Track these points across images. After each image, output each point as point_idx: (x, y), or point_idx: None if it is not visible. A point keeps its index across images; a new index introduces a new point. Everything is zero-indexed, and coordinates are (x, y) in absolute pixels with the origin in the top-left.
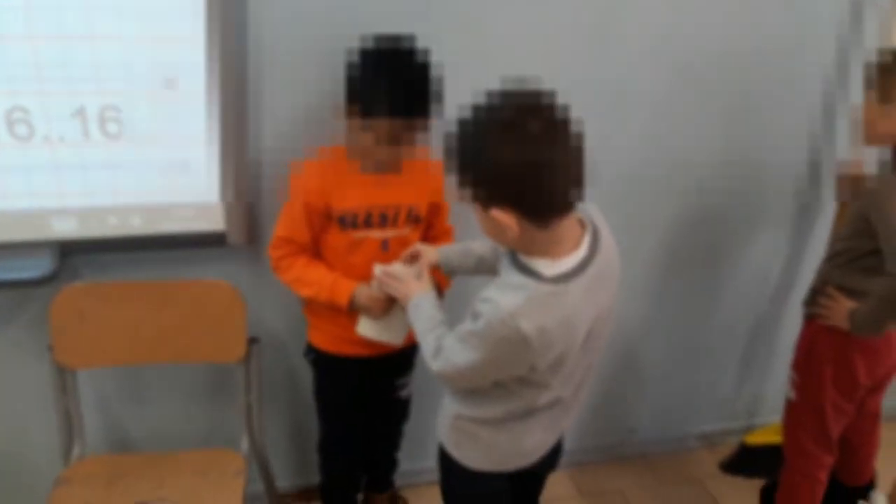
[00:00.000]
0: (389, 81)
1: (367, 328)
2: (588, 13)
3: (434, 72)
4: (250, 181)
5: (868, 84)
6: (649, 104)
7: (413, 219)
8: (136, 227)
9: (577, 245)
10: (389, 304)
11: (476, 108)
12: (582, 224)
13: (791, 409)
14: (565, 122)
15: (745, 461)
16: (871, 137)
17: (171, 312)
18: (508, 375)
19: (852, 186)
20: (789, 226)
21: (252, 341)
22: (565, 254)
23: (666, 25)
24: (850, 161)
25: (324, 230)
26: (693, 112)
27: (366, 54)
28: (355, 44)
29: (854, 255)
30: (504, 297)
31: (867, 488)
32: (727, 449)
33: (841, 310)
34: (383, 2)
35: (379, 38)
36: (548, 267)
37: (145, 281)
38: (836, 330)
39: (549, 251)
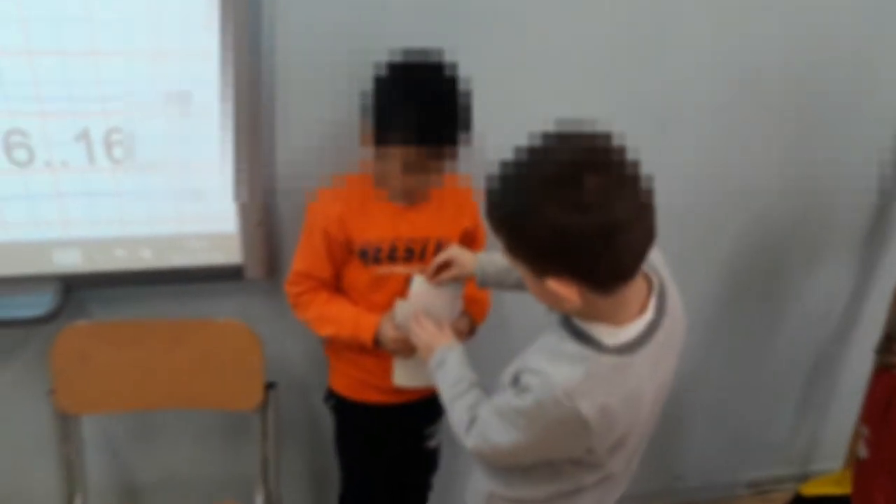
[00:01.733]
0: (408, 107)
1: (403, 377)
2: (634, 25)
3: (464, 95)
4: (268, 210)
5: None
6: (704, 124)
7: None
8: (146, 259)
9: (643, 307)
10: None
11: (525, 157)
12: (648, 281)
13: (863, 468)
14: (633, 178)
15: None
16: None
17: (181, 355)
18: (559, 458)
19: None
20: (855, 258)
21: (269, 387)
22: (630, 319)
23: (721, 37)
24: None
25: (344, 264)
26: (752, 133)
27: (383, 76)
28: (380, 59)
29: None
30: (558, 370)
31: None
32: (780, 498)
33: None
34: (414, 13)
35: (399, 57)
36: (610, 335)
37: (153, 320)
38: None
39: (612, 317)
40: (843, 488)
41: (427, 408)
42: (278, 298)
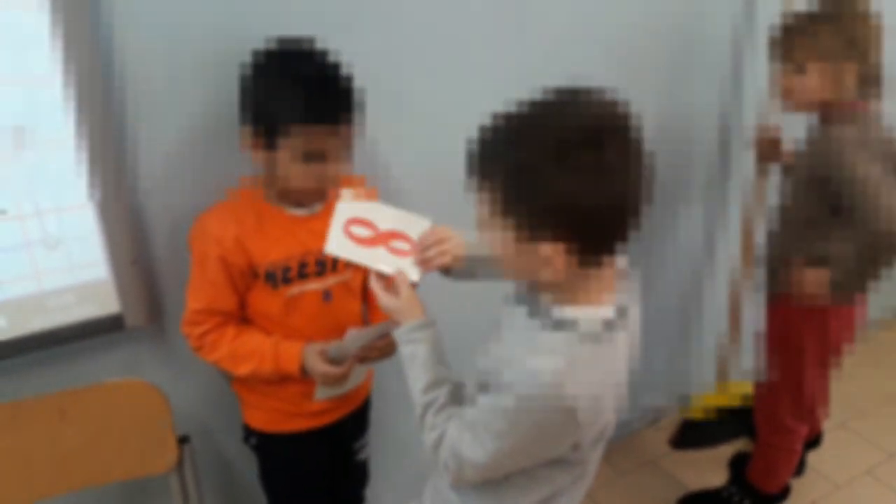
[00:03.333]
0: (298, 85)
1: (325, 391)
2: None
3: (350, 77)
4: (141, 245)
5: (776, 54)
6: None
7: None
8: (2, 329)
9: (611, 286)
10: (349, 370)
11: (537, 113)
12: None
13: (768, 391)
14: (639, 143)
15: (692, 434)
16: (797, 105)
17: (70, 431)
18: (541, 461)
19: (771, 148)
20: (705, 197)
21: (183, 441)
22: (605, 298)
23: (588, 10)
24: (767, 125)
25: (248, 290)
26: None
27: (262, 64)
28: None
29: (812, 221)
30: (539, 360)
31: (815, 441)
32: (670, 424)
33: (817, 281)
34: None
35: (274, 42)
36: (589, 315)
37: (25, 399)
38: (811, 305)
39: (589, 295)
40: (720, 402)
41: (353, 422)
42: (167, 342)
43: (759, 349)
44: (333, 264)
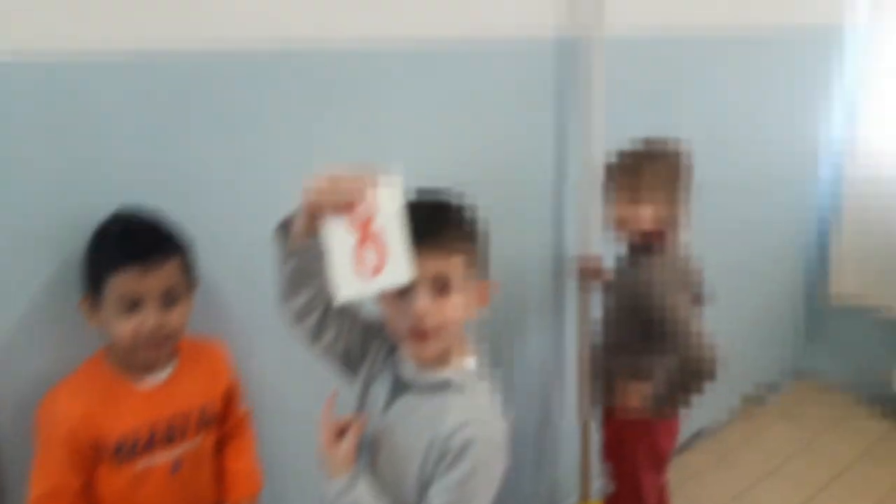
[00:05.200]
0: (116, 236)
1: None
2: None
3: (166, 226)
4: None
5: (611, 186)
6: None
7: (206, 422)
8: None
9: None
10: None
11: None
12: None
13: (612, 500)
14: None
15: None
16: (630, 234)
17: None
18: None
19: (593, 276)
20: (548, 314)
21: None
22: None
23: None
24: (588, 255)
25: (93, 469)
26: None
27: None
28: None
29: (632, 340)
30: (471, 412)
31: None
32: None
33: (637, 398)
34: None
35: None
36: (468, 364)
37: None
38: (637, 417)
39: (462, 350)
40: None
41: None
42: None
43: (600, 460)
44: (184, 432)
